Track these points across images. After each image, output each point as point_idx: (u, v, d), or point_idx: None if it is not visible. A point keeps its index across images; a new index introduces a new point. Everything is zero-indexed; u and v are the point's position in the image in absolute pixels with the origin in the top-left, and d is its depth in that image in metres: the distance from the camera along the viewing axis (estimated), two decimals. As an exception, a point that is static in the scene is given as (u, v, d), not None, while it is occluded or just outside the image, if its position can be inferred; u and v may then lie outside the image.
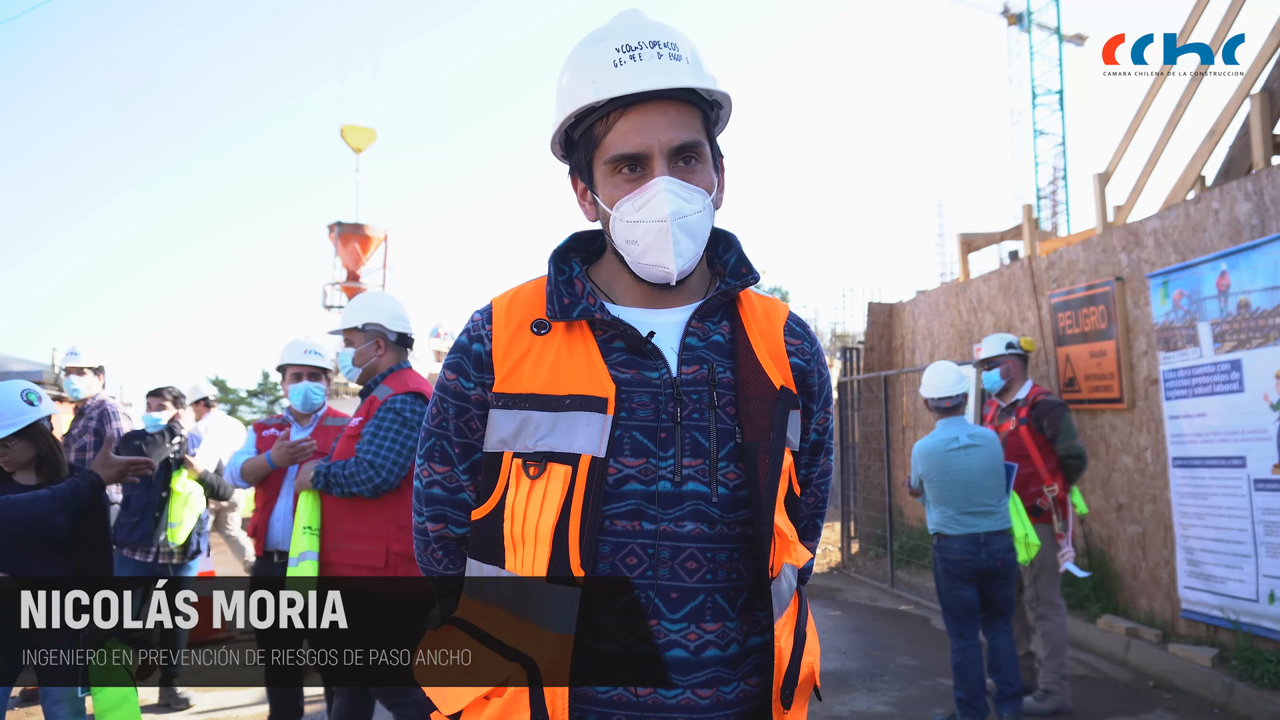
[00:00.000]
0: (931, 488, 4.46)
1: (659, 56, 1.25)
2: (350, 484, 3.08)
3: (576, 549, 1.18)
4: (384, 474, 3.08)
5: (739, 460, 1.25)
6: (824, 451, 1.44)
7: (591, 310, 1.28)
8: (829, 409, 1.43)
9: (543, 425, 1.23)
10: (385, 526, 3.12)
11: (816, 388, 1.38)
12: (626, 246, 1.28)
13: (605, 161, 1.27)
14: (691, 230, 1.26)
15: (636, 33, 1.27)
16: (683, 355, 1.28)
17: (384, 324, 3.36)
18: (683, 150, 1.26)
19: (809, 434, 1.39)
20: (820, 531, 1.52)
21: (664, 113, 1.25)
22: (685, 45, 1.28)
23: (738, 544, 1.25)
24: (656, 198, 1.23)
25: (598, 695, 1.20)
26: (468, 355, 1.32)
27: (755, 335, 1.33)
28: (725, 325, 1.34)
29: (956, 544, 4.34)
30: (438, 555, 1.40)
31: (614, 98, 1.24)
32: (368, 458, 3.09)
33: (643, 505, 1.22)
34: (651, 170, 1.25)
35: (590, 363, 1.26)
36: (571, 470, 1.21)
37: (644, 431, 1.23)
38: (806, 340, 1.40)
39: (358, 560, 3.09)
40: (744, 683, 1.25)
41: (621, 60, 1.24)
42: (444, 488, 1.36)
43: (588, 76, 1.26)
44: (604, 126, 1.27)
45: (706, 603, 1.22)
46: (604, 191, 1.29)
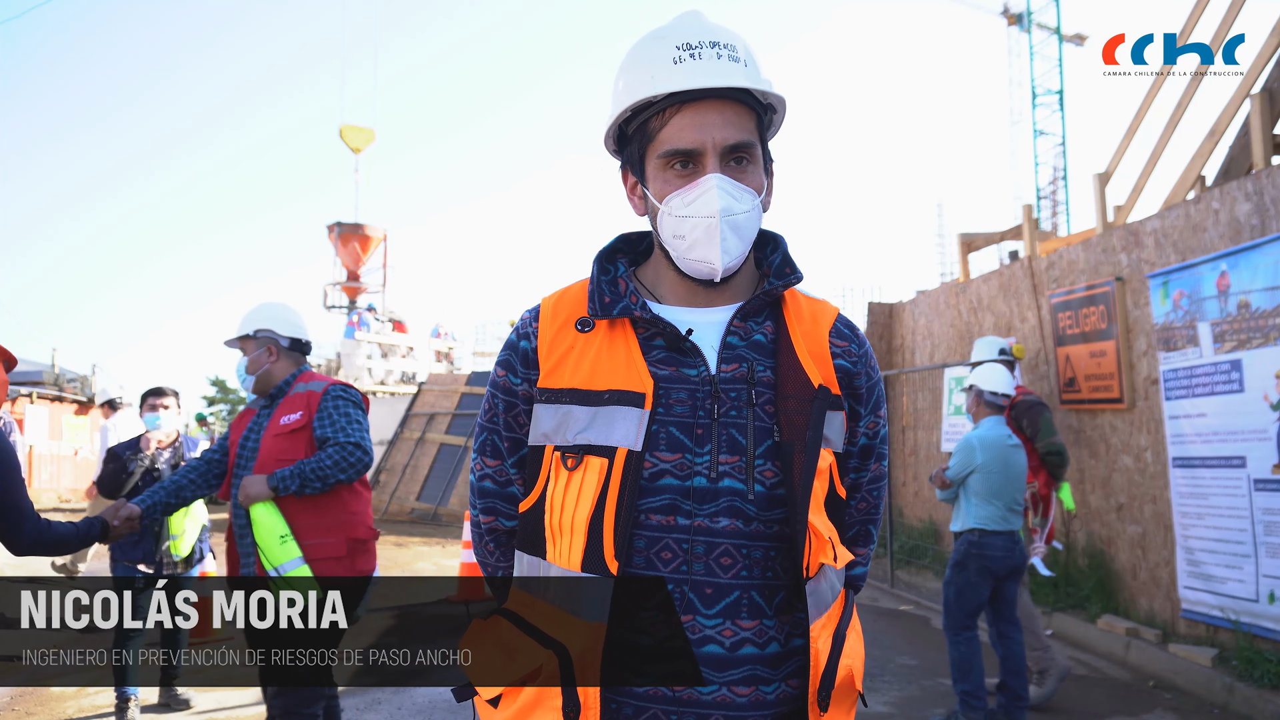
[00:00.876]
0: (988, 480, 4.40)
1: (718, 56, 1.27)
2: (338, 471, 3.07)
3: (611, 541, 1.21)
4: (370, 454, 3.16)
5: (776, 458, 1.26)
6: (875, 456, 1.42)
7: (632, 309, 1.31)
8: (880, 413, 1.41)
9: (582, 419, 1.26)
10: (341, 515, 3.15)
11: (864, 390, 1.38)
12: (673, 241, 1.30)
13: (658, 156, 1.29)
14: (739, 228, 1.27)
15: (697, 32, 1.29)
16: (723, 354, 1.30)
17: (275, 330, 3.36)
18: (735, 150, 1.28)
19: (857, 437, 1.39)
20: (874, 539, 1.50)
21: (719, 111, 1.27)
22: (743, 48, 1.30)
23: (774, 542, 1.25)
24: (707, 194, 1.25)
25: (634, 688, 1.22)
26: (516, 352, 1.36)
27: (798, 335, 1.33)
28: (769, 325, 1.35)
29: (1000, 541, 4.35)
30: (490, 548, 1.44)
31: (671, 93, 1.26)
32: (351, 440, 3.12)
33: (678, 500, 1.23)
34: (703, 167, 1.27)
35: (630, 359, 1.28)
36: (608, 463, 1.23)
37: (680, 427, 1.25)
38: (855, 342, 1.39)
39: (320, 554, 3.09)
40: (785, 684, 1.25)
41: (681, 58, 1.27)
42: (495, 481, 1.40)
43: (646, 71, 1.29)
44: (659, 121, 1.29)
45: (742, 599, 1.23)
46: (655, 186, 1.31)
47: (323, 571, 3.06)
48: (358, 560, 3.17)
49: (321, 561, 3.08)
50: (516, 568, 1.36)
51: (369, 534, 3.24)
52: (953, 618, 4.44)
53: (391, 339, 23.71)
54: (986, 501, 4.40)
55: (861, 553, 1.47)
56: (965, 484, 4.48)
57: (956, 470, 4.51)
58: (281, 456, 3.16)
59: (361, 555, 3.20)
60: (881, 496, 1.47)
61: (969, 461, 4.47)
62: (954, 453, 4.59)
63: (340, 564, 3.11)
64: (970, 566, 4.39)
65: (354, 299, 31.16)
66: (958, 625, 4.41)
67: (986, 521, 4.37)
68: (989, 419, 4.59)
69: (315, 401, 3.22)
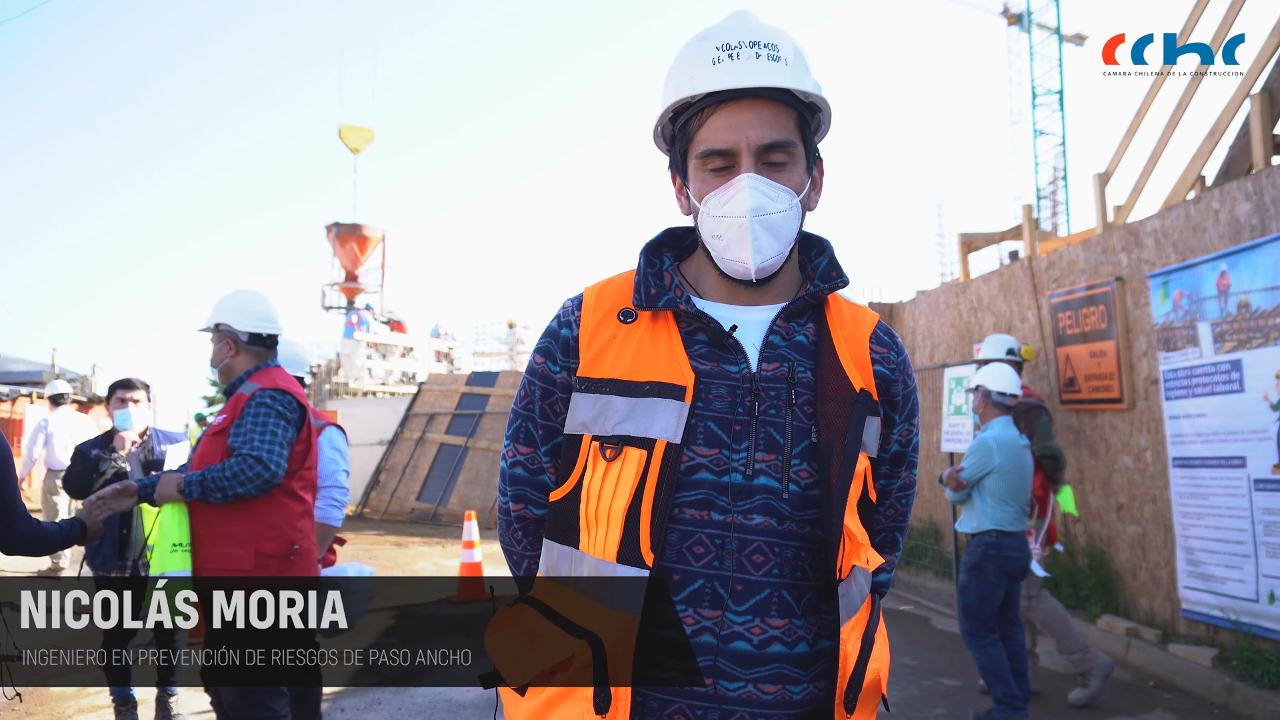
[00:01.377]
0: (1005, 482, 4.38)
1: (757, 56, 1.27)
2: (236, 484, 2.92)
3: (647, 532, 1.21)
4: (273, 467, 2.97)
5: (813, 459, 1.26)
6: (907, 464, 1.43)
7: (677, 302, 1.31)
8: (914, 421, 1.42)
9: (621, 410, 1.26)
10: (255, 527, 3.00)
11: (901, 398, 1.38)
12: (711, 241, 1.31)
13: (696, 156, 1.30)
14: (774, 228, 1.27)
15: (740, 33, 1.29)
16: (764, 352, 1.30)
17: (234, 324, 3.26)
18: (771, 149, 1.27)
19: (890, 444, 1.39)
20: (900, 546, 1.51)
21: (755, 111, 1.27)
22: (788, 47, 1.29)
23: (806, 542, 1.25)
24: (739, 194, 1.25)
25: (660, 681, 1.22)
26: (556, 340, 1.36)
27: (840, 339, 1.34)
28: (811, 327, 1.35)
29: (1015, 541, 4.35)
30: (518, 535, 1.44)
31: (709, 94, 1.27)
32: (254, 453, 2.95)
33: (713, 495, 1.23)
34: (738, 167, 1.27)
35: (672, 352, 1.28)
36: (646, 454, 1.23)
37: (719, 423, 1.25)
38: (894, 350, 1.39)
39: (225, 564, 2.96)
40: (812, 685, 1.25)
41: (720, 58, 1.27)
42: (526, 469, 1.40)
43: (687, 72, 1.30)
44: (698, 122, 1.30)
45: (772, 597, 1.23)
46: (695, 186, 1.32)
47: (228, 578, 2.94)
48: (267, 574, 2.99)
49: (228, 572, 2.96)
50: (544, 557, 1.35)
51: (284, 548, 3.05)
52: (975, 623, 4.36)
53: (390, 339, 23.70)
54: (1003, 503, 4.38)
55: (888, 559, 1.47)
56: (981, 485, 4.45)
57: (973, 471, 4.47)
58: (205, 459, 3.08)
59: (279, 569, 3.01)
60: (910, 504, 1.48)
61: (986, 463, 4.44)
62: (969, 453, 4.55)
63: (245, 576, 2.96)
64: (989, 568, 4.35)
65: (352, 299, 31.14)
66: (980, 630, 4.34)
67: (1004, 523, 4.35)
68: (999, 419, 4.56)
69: (241, 405, 3.10)
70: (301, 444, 3.18)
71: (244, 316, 3.29)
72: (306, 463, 3.22)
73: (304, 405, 3.20)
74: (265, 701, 2.99)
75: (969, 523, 4.52)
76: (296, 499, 3.15)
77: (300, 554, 3.11)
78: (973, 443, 4.60)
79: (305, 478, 3.22)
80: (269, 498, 3.05)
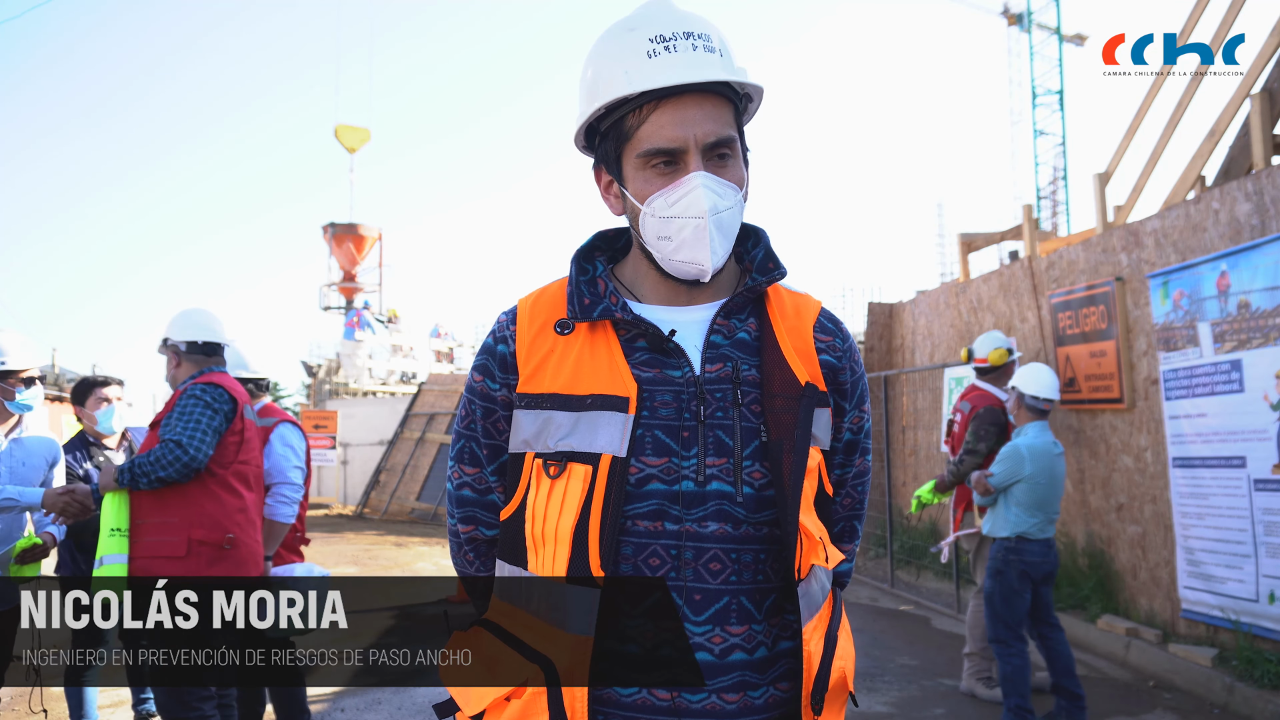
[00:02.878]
0: (1034, 491, 4.33)
1: (694, 48, 1.22)
2: (158, 468, 3.03)
3: (596, 549, 1.17)
4: (192, 450, 3.05)
5: (764, 459, 1.23)
6: (860, 451, 1.40)
7: (613, 310, 1.27)
8: (864, 407, 1.38)
9: (564, 425, 1.22)
10: (187, 513, 3.09)
11: (849, 385, 1.35)
12: (658, 243, 1.26)
13: (638, 155, 1.24)
14: (724, 226, 1.24)
15: (669, 22, 1.23)
16: (706, 353, 1.26)
17: (174, 337, 3.44)
18: (718, 145, 1.24)
19: (842, 433, 1.36)
20: (859, 534, 1.48)
21: (700, 106, 1.22)
22: (717, 37, 1.25)
23: (764, 545, 1.22)
24: (693, 193, 1.21)
25: (621, 698, 1.19)
26: (493, 357, 1.32)
27: (783, 332, 1.30)
28: (752, 322, 1.32)
29: (1038, 547, 4.31)
30: (469, 557, 1.40)
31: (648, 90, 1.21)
32: (173, 438, 3.07)
33: (665, 505, 1.20)
34: (686, 165, 1.22)
35: (612, 362, 1.25)
36: (592, 470, 1.20)
37: (666, 430, 1.22)
38: (839, 337, 1.36)
39: (156, 551, 3.06)
40: (773, 688, 1.23)
41: (656, 51, 1.21)
42: (474, 489, 1.36)
43: (619, 66, 1.23)
44: (636, 119, 1.23)
45: (731, 605, 1.20)
46: (634, 186, 1.26)
47: (158, 570, 3.02)
48: (202, 564, 3.06)
49: (156, 559, 3.05)
50: (497, 576, 1.32)
51: (217, 536, 3.11)
52: (1003, 627, 4.31)
53: (396, 339, 23.72)
54: (1029, 512, 4.32)
55: (848, 548, 1.45)
56: (1009, 491, 4.39)
57: (1002, 478, 4.40)
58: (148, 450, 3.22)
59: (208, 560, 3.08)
60: (866, 491, 1.45)
61: (1016, 471, 4.36)
62: (999, 459, 4.46)
63: (177, 564, 3.04)
64: (1010, 573, 4.31)
65: (350, 299, 31.15)
66: (1008, 636, 4.29)
67: (1029, 529, 4.31)
68: (1033, 425, 4.49)
69: (174, 401, 3.25)
70: (234, 435, 3.26)
71: (182, 328, 3.45)
72: (241, 455, 3.28)
73: (236, 400, 3.28)
74: (192, 702, 3.03)
75: (993, 525, 4.47)
76: (231, 491, 3.22)
77: (237, 545, 3.17)
78: (1004, 448, 4.51)
79: (242, 472, 3.28)
80: (203, 487, 3.13)
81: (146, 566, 3.06)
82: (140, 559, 3.09)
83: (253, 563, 3.25)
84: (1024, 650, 4.29)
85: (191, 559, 3.06)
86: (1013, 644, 4.27)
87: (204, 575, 3.04)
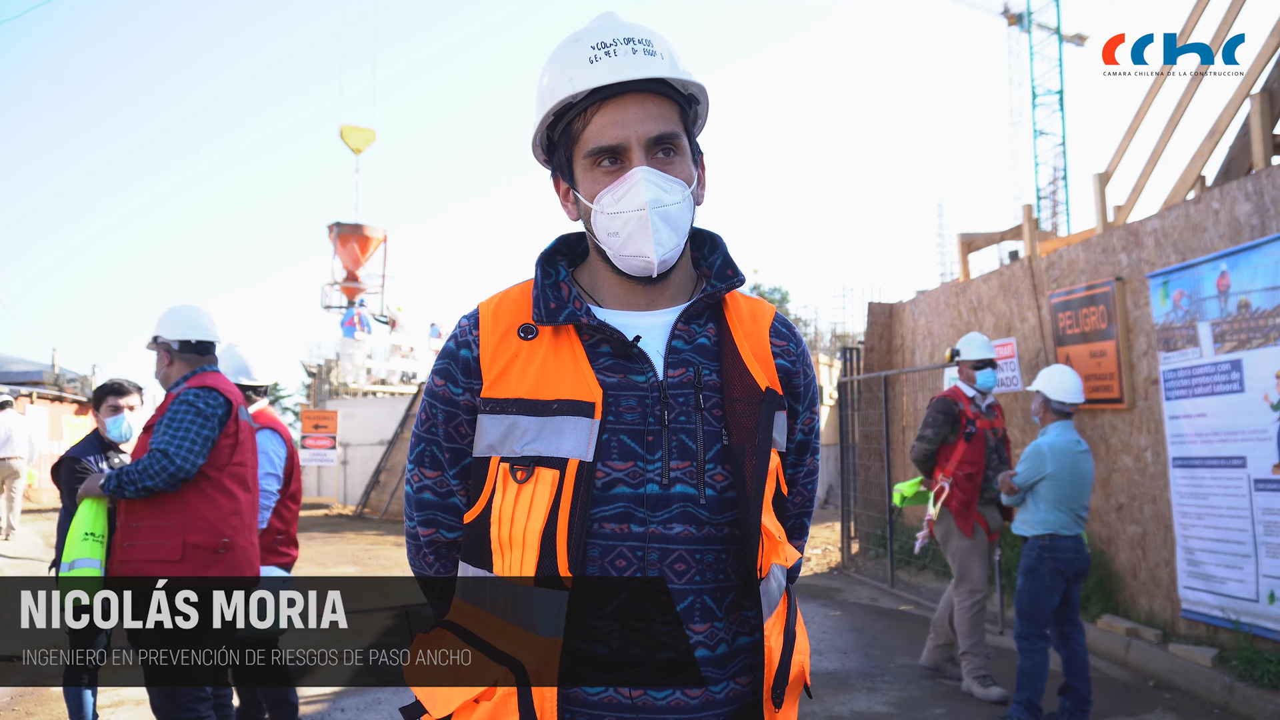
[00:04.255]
0: (1057, 487, 4.41)
1: (634, 52, 1.26)
2: (145, 478, 3.03)
3: (565, 552, 1.19)
4: (179, 460, 3.05)
5: (726, 462, 1.26)
6: (810, 451, 1.45)
7: (578, 315, 1.29)
8: (815, 409, 1.43)
9: (530, 430, 1.24)
10: (182, 518, 3.10)
11: (802, 388, 1.39)
12: (608, 239, 1.28)
13: (584, 156, 1.28)
14: (671, 220, 1.26)
15: (612, 31, 1.29)
16: (669, 359, 1.29)
17: (165, 335, 3.41)
18: (660, 141, 1.27)
19: (795, 434, 1.40)
20: (808, 530, 1.53)
21: (641, 105, 1.26)
22: (661, 43, 1.30)
23: (726, 545, 1.25)
24: (635, 187, 1.24)
25: (588, 697, 1.21)
26: (455, 361, 1.32)
27: (741, 337, 1.33)
28: (711, 328, 1.35)
29: (1071, 544, 4.38)
30: (429, 559, 1.41)
31: (591, 91, 1.25)
32: (160, 447, 3.07)
33: (631, 508, 1.22)
34: (630, 161, 1.26)
35: (577, 367, 1.26)
36: (559, 474, 1.21)
37: (631, 435, 1.24)
38: (792, 341, 1.40)
39: (150, 555, 3.07)
40: (734, 682, 1.25)
41: (597, 56, 1.26)
42: (434, 492, 1.37)
43: (565, 74, 1.28)
44: (582, 122, 1.28)
45: (695, 604, 1.23)
46: (584, 186, 1.30)
47: (154, 572, 3.03)
48: (197, 567, 3.07)
49: (152, 563, 3.06)
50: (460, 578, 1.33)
51: (212, 541, 3.12)
52: (1029, 624, 4.40)
53: (396, 339, 23.75)
54: (1055, 508, 4.40)
55: (798, 544, 1.49)
56: (1035, 490, 4.48)
57: (1025, 477, 4.50)
58: (137, 454, 3.23)
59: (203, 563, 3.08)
60: (815, 489, 1.50)
61: (1039, 469, 4.46)
62: (1023, 459, 4.57)
63: (172, 567, 3.05)
64: (1044, 570, 4.38)
65: (353, 299, 31.16)
66: (1033, 633, 4.38)
67: (1058, 527, 4.39)
68: (1056, 424, 4.59)
69: (167, 404, 3.24)
70: (229, 439, 3.24)
71: (173, 326, 3.42)
72: (236, 458, 3.27)
73: (230, 402, 3.27)
74: (188, 704, 3.03)
75: (1024, 526, 4.55)
76: (226, 494, 3.22)
77: (233, 549, 3.17)
78: (1028, 448, 4.61)
79: (237, 474, 3.27)
80: (198, 490, 3.14)
81: (141, 570, 3.08)
82: (135, 562, 3.09)
83: (248, 564, 3.25)
84: (1046, 648, 4.37)
85: (186, 563, 3.06)
86: (1036, 641, 4.35)
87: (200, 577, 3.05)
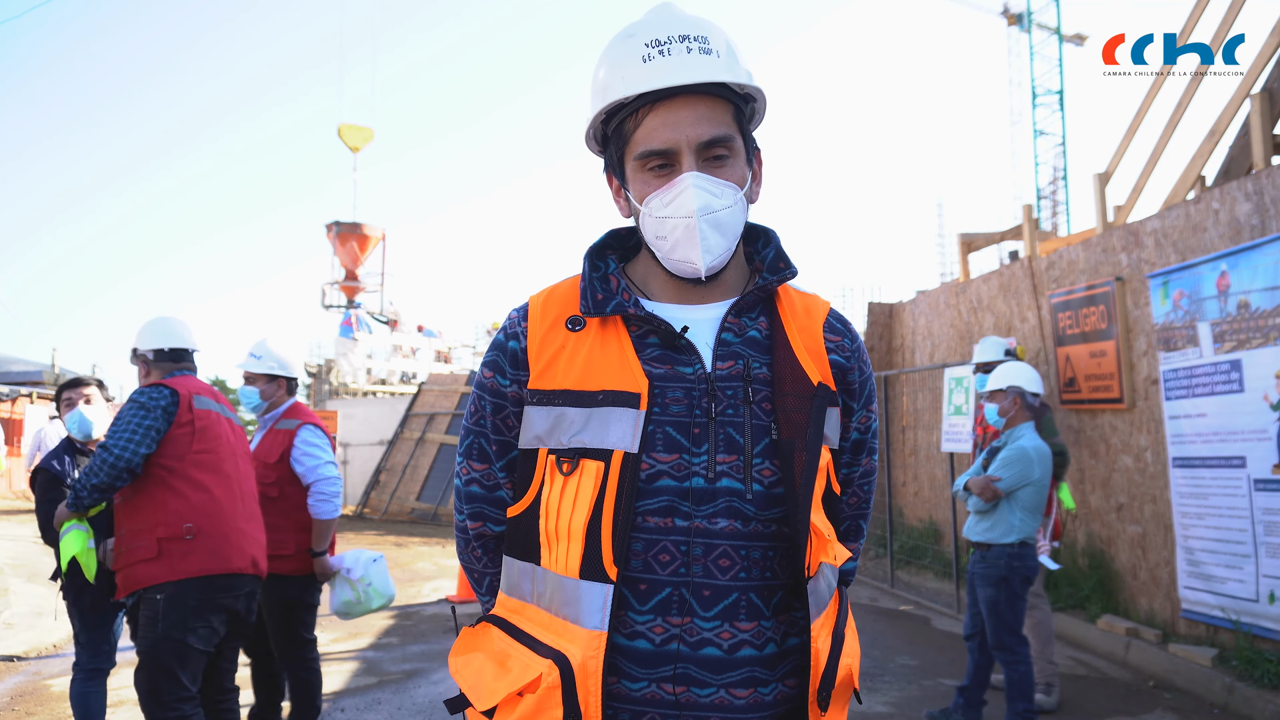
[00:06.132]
0: (1039, 494, 4.27)
1: (688, 51, 1.23)
2: (90, 478, 3.05)
3: (609, 545, 1.18)
4: (117, 451, 3.04)
5: (774, 457, 1.23)
6: (867, 450, 1.41)
7: (625, 306, 1.28)
8: (871, 407, 1.40)
9: (576, 421, 1.23)
10: (153, 515, 3.11)
11: (857, 385, 1.36)
12: (656, 242, 1.28)
13: (635, 158, 1.27)
14: (720, 225, 1.25)
15: (667, 27, 1.26)
16: (718, 351, 1.27)
17: (141, 347, 3.47)
18: (712, 145, 1.25)
19: (850, 432, 1.37)
20: (864, 532, 1.50)
21: (692, 108, 1.24)
22: (718, 38, 1.27)
23: (773, 542, 1.23)
24: (684, 194, 1.23)
25: (631, 693, 1.20)
26: (504, 353, 1.33)
27: (794, 331, 1.31)
28: (763, 321, 1.33)
29: (1031, 551, 4.30)
30: (477, 553, 1.42)
31: (643, 93, 1.23)
32: (102, 443, 3.10)
33: (675, 501, 1.21)
34: (680, 166, 1.24)
35: (624, 358, 1.25)
36: (604, 466, 1.20)
37: (677, 427, 1.22)
38: (847, 337, 1.38)
39: (133, 557, 3.10)
40: (782, 684, 1.23)
41: (650, 56, 1.24)
42: (482, 485, 1.37)
43: (618, 72, 1.26)
44: (633, 122, 1.27)
45: (740, 601, 1.21)
46: (634, 187, 1.29)
47: (140, 574, 3.07)
48: (175, 561, 3.06)
49: (137, 565, 3.09)
50: (505, 573, 1.33)
51: (178, 531, 3.09)
52: (1011, 636, 4.26)
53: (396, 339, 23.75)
54: (1032, 515, 4.28)
55: (853, 547, 1.46)
56: (1014, 496, 4.29)
57: (1012, 483, 4.28)
58: None
59: (179, 556, 3.07)
60: (872, 491, 1.47)
61: (1026, 475, 4.27)
62: (1008, 464, 4.32)
63: (154, 565, 3.06)
64: (1015, 580, 4.26)
65: (352, 298, 31.15)
66: (1013, 643, 4.25)
67: (1027, 534, 4.28)
68: (1027, 425, 4.44)
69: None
70: (183, 427, 3.20)
71: (149, 337, 3.47)
72: (197, 445, 3.23)
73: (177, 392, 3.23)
74: (172, 702, 3.04)
75: (991, 532, 4.34)
76: (192, 484, 3.19)
77: (201, 534, 3.12)
78: (1009, 453, 4.37)
79: (202, 461, 3.22)
80: (165, 486, 3.14)
81: (130, 575, 3.10)
82: (125, 568, 3.12)
83: (234, 552, 3.19)
84: (1028, 654, 4.27)
85: (164, 559, 3.06)
86: (1017, 650, 4.24)
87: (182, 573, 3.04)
